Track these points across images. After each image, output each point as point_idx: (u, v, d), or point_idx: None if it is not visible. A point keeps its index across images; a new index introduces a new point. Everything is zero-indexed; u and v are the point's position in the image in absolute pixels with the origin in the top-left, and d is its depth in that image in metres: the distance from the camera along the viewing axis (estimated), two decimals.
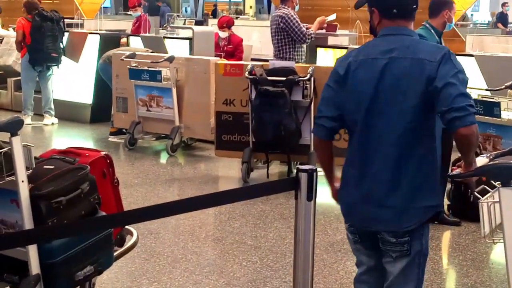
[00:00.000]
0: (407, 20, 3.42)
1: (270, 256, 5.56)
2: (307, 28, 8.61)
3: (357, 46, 9.84)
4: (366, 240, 3.47)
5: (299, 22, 8.49)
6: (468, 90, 7.24)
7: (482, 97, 6.78)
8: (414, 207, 3.30)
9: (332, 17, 9.30)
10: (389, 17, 3.40)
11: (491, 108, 6.55)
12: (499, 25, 21.80)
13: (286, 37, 8.52)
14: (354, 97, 3.36)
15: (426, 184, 3.30)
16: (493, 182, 3.10)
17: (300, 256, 2.75)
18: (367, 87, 3.33)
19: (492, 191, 3.04)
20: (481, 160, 3.41)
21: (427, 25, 6.24)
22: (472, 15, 25.45)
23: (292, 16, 8.47)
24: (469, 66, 7.81)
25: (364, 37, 10.43)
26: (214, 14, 25.83)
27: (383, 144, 3.32)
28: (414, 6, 3.42)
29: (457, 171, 3.34)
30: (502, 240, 3.03)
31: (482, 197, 3.05)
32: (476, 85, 7.14)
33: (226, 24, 10.63)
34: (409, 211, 3.31)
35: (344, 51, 8.78)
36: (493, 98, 6.61)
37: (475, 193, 3.11)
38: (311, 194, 2.71)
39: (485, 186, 3.10)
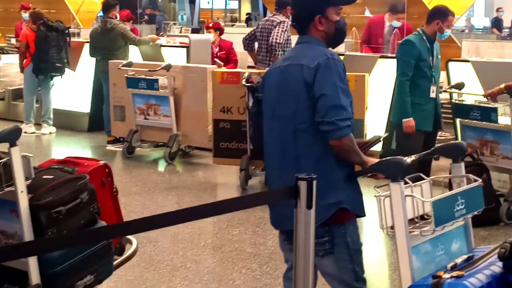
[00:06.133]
0: (306, 32, 3.61)
1: (269, 263, 5.57)
2: None
3: (354, 53, 9.90)
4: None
5: (285, 33, 8.49)
6: (465, 96, 7.33)
7: (479, 102, 6.80)
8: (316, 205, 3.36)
9: None
10: (297, 30, 3.65)
11: (488, 113, 6.57)
12: (494, 30, 21.87)
13: None
14: (265, 102, 3.68)
15: (326, 183, 3.34)
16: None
17: (300, 264, 2.76)
18: (270, 92, 3.64)
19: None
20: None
21: (420, 31, 6.37)
22: (465, 21, 25.52)
23: (285, 25, 8.49)
24: (466, 72, 7.82)
25: (359, 44, 10.45)
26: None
27: (282, 145, 3.54)
28: (308, 19, 3.58)
29: None
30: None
31: None
32: (473, 91, 7.16)
33: (212, 25, 10.78)
34: None
35: (341, 58, 8.83)
36: (490, 104, 6.63)
37: (375, 188, 3.25)
38: (310, 202, 2.71)
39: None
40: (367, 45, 9.92)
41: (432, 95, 6.33)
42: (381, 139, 3.83)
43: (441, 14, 6.35)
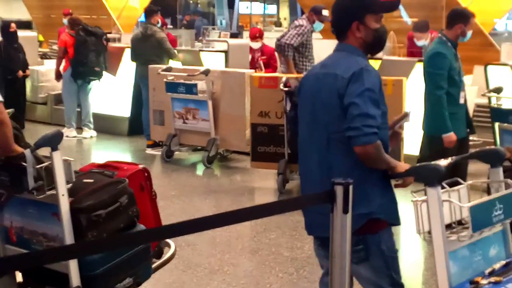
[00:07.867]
0: (344, 38, 3.58)
1: (306, 267, 5.58)
2: None
3: (392, 57, 9.86)
4: (327, 245, 3.48)
5: (300, 37, 8.56)
6: (504, 100, 7.24)
7: None
8: None
9: None
10: (335, 35, 3.63)
11: None
12: None
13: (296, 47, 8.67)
14: (300, 107, 3.65)
15: (358, 193, 3.13)
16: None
17: (336, 268, 2.78)
18: (305, 98, 3.61)
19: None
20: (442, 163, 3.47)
21: (443, 38, 6.04)
22: (506, 24, 25.22)
23: (302, 29, 8.57)
24: (505, 76, 7.76)
25: (398, 48, 10.40)
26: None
27: (315, 152, 3.52)
28: (345, 25, 3.55)
29: None
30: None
31: None
32: None
33: (258, 34, 10.82)
34: None
35: (378, 62, 8.82)
36: None
37: (412, 192, 3.24)
38: (347, 207, 2.73)
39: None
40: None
41: (462, 100, 6.11)
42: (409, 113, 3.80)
43: (464, 18, 6.02)
